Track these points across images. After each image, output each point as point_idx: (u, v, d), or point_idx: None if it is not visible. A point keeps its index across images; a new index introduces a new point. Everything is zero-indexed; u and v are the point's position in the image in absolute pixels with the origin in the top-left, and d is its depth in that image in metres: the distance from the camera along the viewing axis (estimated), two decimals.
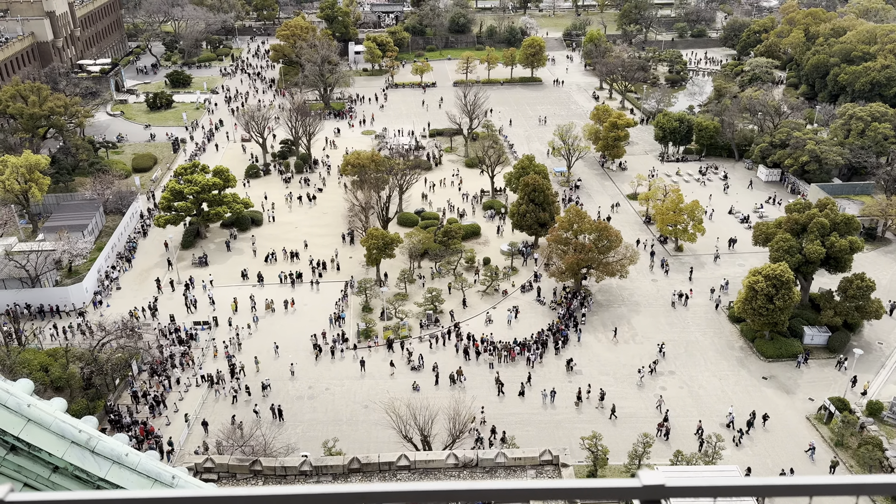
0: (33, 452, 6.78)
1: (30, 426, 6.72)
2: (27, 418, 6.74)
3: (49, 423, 6.82)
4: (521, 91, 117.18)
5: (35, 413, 6.78)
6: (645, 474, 1.91)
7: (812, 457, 44.25)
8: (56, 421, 6.89)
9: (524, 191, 65.00)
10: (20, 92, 79.59)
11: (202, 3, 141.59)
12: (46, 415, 6.88)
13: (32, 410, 6.81)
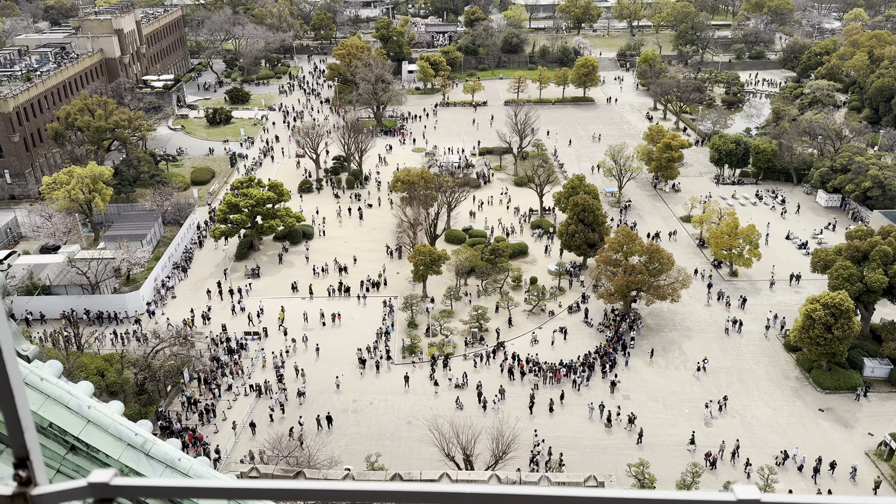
0: (91, 453, 7.00)
1: (89, 427, 6.95)
2: (87, 419, 6.97)
3: (107, 424, 7.04)
4: (573, 111, 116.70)
5: (94, 415, 7.01)
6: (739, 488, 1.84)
7: (854, 478, 43.12)
8: (114, 423, 7.10)
9: (573, 210, 64.50)
10: (88, 106, 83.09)
11: (262, 23, 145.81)
12: (105, 417, 7.10)
13: (92, 412, 7.04)
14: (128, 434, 7.13)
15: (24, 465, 1.69)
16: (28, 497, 1.66)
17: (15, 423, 1.66)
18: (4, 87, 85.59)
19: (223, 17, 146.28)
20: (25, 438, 1.71)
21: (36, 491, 1.66)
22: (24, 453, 1.70)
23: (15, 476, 1.68)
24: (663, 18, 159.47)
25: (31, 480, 1.69)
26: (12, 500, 1.65)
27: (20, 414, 1.66)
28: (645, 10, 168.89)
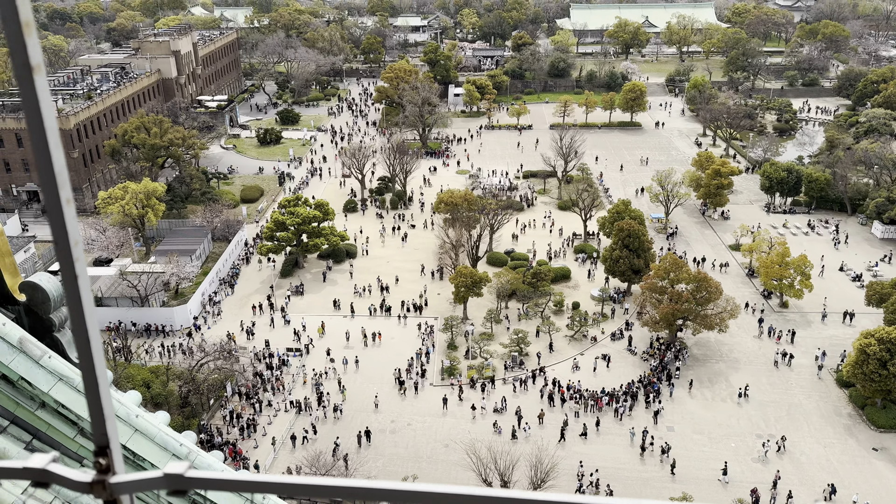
0: (137, 461, 7.10)
1: (136, 436, 7.06)
2: (135, 428, 7.09)
3: (154, 434, 7.14)
4: (620, 135, 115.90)
5: (142, 424, 7.12)
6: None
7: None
8: (160, 433, 7.20)
9: (618, 236, 63.75)
10: (144, 124, 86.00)
11: (314, 46, 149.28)
12: (152, 426, 7.21)
13: (140, 421, 7.16)
14: (173, 444, 7.22)
15: (104, 454, 1.75)
16: (107, 484, 1.72)
17: (98, 412, 1.72)
18: (66, 105, 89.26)
19: (276, 41, 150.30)
20: (107, 427, 1.76)
21: (114, 479, 1.72)
22: (105, 441, 1.76)
23: (95, 463, 1.74)
24: (714, 44, 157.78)
25: (110, 468, 1.75)
26: (91, 486, 1.71)
27: (103, 403, 1.72)
28: (695, 36, 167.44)
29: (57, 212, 1.67)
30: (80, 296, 1.69)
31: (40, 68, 1.58)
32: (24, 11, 1.54)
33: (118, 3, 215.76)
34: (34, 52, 1.57)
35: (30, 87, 1.58)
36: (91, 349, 1.72)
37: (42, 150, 1.62)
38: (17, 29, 1.54)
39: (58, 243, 1.67)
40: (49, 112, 1.60)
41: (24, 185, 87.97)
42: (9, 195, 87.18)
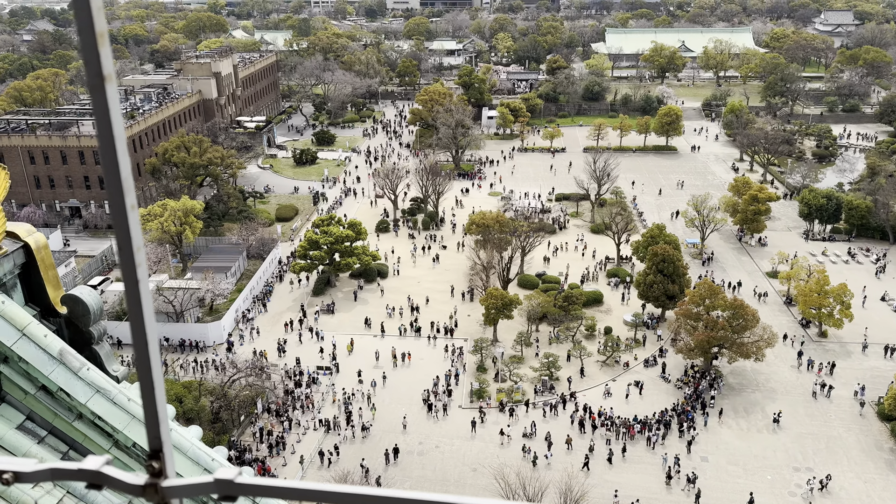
0: None
1: None
2: None
3: (186, 448, 7.21)
4: (655, 159, 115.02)
5: (175, 438, 7.20)
6: None
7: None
8: (192, 447, 7.27)
9: (652, 260, 62.99)
10: (184, 143, 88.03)
11: (350, 69, 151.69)
12: (185, 440, 7.29)
13: (173, 435, 7.23)
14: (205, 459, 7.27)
15: (157, 457, 1.78)
16: (159, 488, 1.74)
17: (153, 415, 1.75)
18: None
19: (314, 63, 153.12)
20: (160, 431, 1.79)
21: (166, 483, 1.74)
22: (159, 445, 1.79)
23: (148, 467, 1.77)
24: (751, 69, 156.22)
25: (163, 472, 1.77)
26: (144, 489, 1.74)
27: (158, 407, 1.75)
28: (732, 61, 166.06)
29: (122, 216, 1.71)
30: (141, 299, 1.74)
31: (111, 78, 1.63)
32: (99, 23, 1.59)
33: (162, 26, 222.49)
34: (106, 63, 1.63)
35: (101, 95, 1.63)
36: (148, 353, 1.76)
37: (110, 155, 1.67)
38: (91, 39, 1.60)
39: (121, 248, 1.72)
40: (118, 120, 1.65)
41: (67, 202, 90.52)
42: (52, 211, 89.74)
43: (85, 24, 1.59)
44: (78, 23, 1.60)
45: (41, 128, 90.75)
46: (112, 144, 1.66)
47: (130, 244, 1.72)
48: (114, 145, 1.66)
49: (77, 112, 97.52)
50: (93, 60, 1.61)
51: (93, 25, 1.59)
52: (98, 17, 1.59)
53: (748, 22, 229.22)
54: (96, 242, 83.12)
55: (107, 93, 1.62)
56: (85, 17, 1.59)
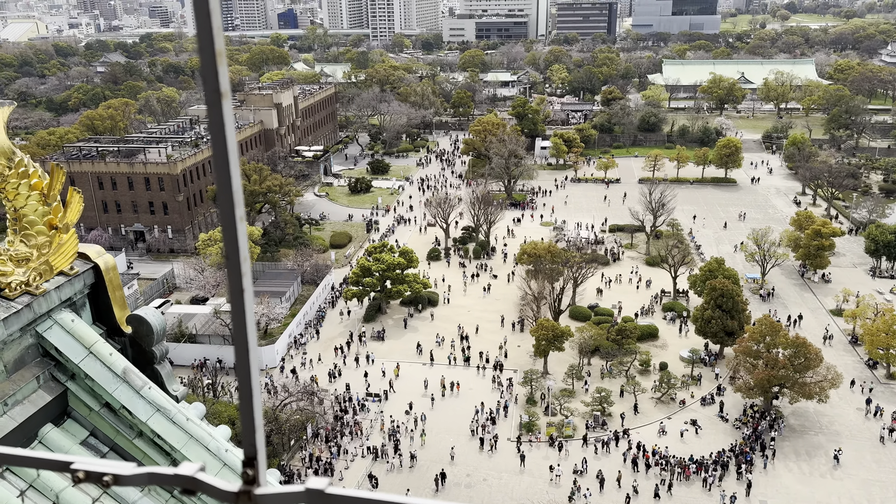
0: None
1: (224, 470, 7.20)
2: (223, 462, 7.24)
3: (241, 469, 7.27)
4: (713, 191, 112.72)
5: (231, 459, 7.27)
6: None
7: None
8: None
9: (710, 295, 61.33)
10: (245, 171, 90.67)
11: (406, 100, 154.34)
12: (239, 461, 7.35)
13: (229, 456, 7.30)
14: None
15: (252, 465, 1.82)
16: (252, 495, 1.77)
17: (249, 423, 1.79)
18: (175, 151, 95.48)
19: (371, 95, 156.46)
20: (256, 438, 1.83)
21: (259, 490, 1.77)
22: (254, 452, 1.82)
23: (243, 474, 1.80)
24: (814, 101, 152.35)
25: (256, 480, 1.80)
26: (237, 496, 1.76)
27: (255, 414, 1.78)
28: (794, 93, 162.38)
29: (231, 227, 1.76)
30: (244, 308, 1.77)
31: (227, 94, 1.69)
32: (218, 42, 1.65)
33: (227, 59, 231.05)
34: (223, 80, 1.69)
35: (218, 110, 1.69)
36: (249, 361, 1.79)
37: (223, 167, 1.72)
38: (211, 57, 1.65)
39: (229, 258, 1.77)
40: (231, 134, 1.71)
41: (132, 226, 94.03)
42: (117, 234, 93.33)
43: (206, 42, 1.66)
44: (199, 41, 1.67)
45: (110, 155, 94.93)
46: (226, 157, 1.71)
47: (238, 253, 1.77)
48: (227, 158, 1.72)
49: (144, 140, 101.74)
50: (211, 77, 1.68)
51: (213, 44, 1.65)
52: (217, 37, 1.65)
53: (811, 54, 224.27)
54: (158, 266, 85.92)
55: (223, 108, 1.68)
56: (206, 37, 1.66)
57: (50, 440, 7.40)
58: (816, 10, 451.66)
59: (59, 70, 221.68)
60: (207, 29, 1.65)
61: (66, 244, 7.86)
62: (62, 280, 7.90)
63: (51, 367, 7.75)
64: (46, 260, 7.73)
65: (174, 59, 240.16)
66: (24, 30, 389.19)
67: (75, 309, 8.04)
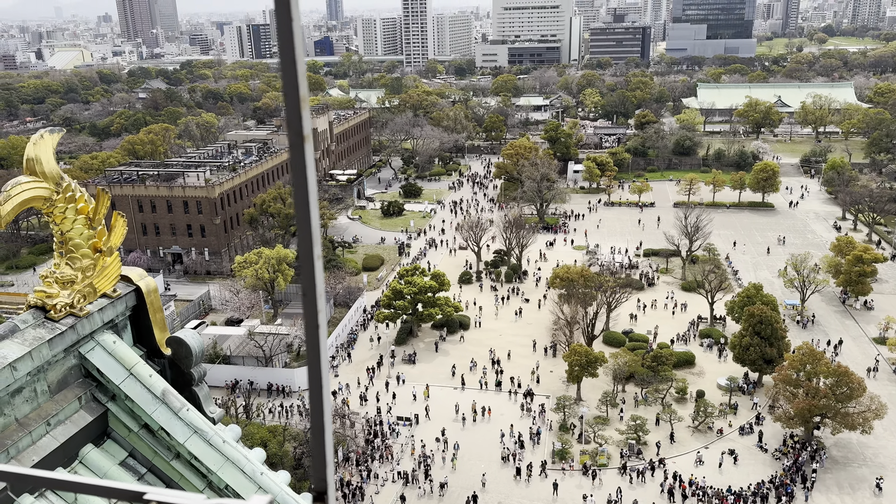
0: None
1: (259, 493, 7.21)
2: (258, 485, 7.24)
3: (276, 493, 7.26)
4: (750, 216, 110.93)
5: (265, 482, 7.27)
6: None
7: None
8: (281, 492, 7.31)
9: (748, 321, 60.04)
10: (280, 195, 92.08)
11: (439, 125, 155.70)
12: (274, 485, 7.34)
13: (263, 479, 7.31)
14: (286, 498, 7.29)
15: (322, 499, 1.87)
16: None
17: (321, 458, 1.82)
18: (213, 175, 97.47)
19: (405, 120, 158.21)
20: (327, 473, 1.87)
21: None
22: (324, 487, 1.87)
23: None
24: (854, 125, 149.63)
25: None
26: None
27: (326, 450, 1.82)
28: (833, 116, 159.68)
29: (309, 265, 1.81)
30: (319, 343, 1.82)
31: (309, 138, 1.76)
32: (303, 88, 1.71)
33: (264, 85, 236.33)
34: (306, 123, 1.76)
35: (300, 152, 1.76)
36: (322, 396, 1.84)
37: (303, 207, 1.77)
38: (295, 102, 1.71)
39: (306, 294, 1.81)
40: (312, 175, 1.77)
41: (170, 248, 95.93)
42: (156, 256, 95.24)
43: (291, 88, 1.71)
44: (284, 87, 1.72)
45: (150, 178, 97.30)
46: (306, 197, 1.76)
47: (315, 290, 1.81)
48: (307, 198, 1.77)
49: (183, 164, 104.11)
50: (295, 121, 1.74)
51: (298, 90, 1.71)
52: (302, 84, 1.71)
53: (849, 77, 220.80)
54: (195, 287, 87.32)
55: (305, 150, 1.75)
56: (291, 82, 1.71)
57: (90, 460, 7.50)
58: (855, 34, 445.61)
59: (102, 96, 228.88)
60: (293, 76, 1.70)
61: (109, 267, 8.03)
62: (105, 302, 8.05)
63: (92, 387, 7.88)
64: (90, 282, 7.90)
65: (213, 85, 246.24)
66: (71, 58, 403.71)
67: (117, 330, 8.18)
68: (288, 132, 1.74)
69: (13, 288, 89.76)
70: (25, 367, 7.16)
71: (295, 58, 1.68)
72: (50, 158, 7.56)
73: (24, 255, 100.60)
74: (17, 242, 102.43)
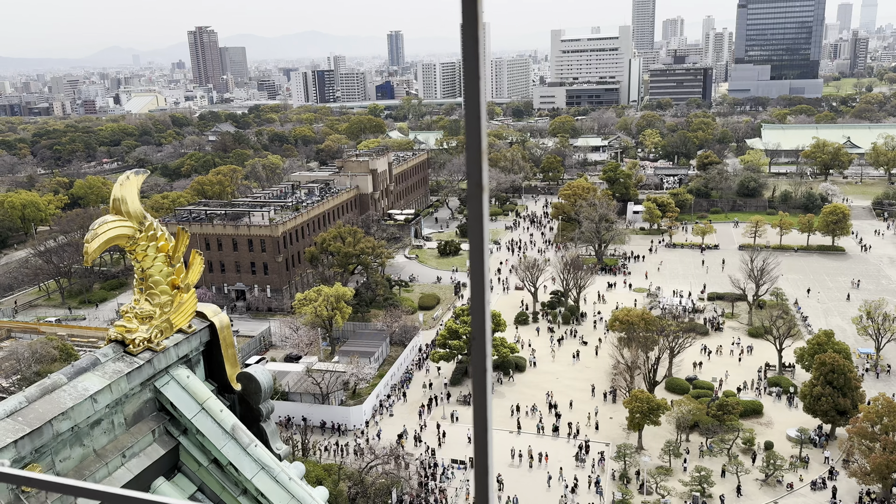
0: None
1: None
2: None
3: None
4: (819, 260, 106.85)
5: None
6: None
7: None
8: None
9: (820, 370, 57.32)
10: (340, 234, 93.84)
11: (496, 165, 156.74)
12: None
13: None
14: None
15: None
16: None
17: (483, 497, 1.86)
18: (277, 215, 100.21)
19: (462, 160, 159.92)
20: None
21: None
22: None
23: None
24: None
25: None
26: None
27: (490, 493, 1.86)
28: None
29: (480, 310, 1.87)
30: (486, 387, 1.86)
31: (486, 188, 1.85)
32: (483, 142, 1.79)
33: (328, 128, 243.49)
34: (485, 175, 1.84)
35: (478, 203, 1.83)
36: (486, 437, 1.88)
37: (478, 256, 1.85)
38: (477, 155, 1.79)
39: (475, 338, 1.88)
40: (487, 224, 1.85)
41: (234, 285, 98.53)
42: (220, 293, 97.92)
43: (473, 142, 1.80)
44: (467, 141, 1.81)
45: (217, 217, 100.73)
46: (481, 246, 1.84)
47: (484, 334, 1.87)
48: (482, 247, 1.84)
49: (249, 204, 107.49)
50: (474, 172, 1.81)
51: (480, 143, 1.79)
52: (484, 138, 1.80)
53: None
54: (257, 324, 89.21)
55: (482, 200, 1.83)
56: (474, 138, 1.80)
57: (162, 494, 7.64)
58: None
59: (174, 139, 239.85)
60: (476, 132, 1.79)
61: (186, 303, 8.29)
62: (180, 337, 8.30)
63: (165, 421, 8.07)
64: (168, 318, 8.17)
65: (279, 128, 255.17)
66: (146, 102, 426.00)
67: (190, 365, 8.40)
68: (468, 183, 1.82)
69: (85, 322, 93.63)
70: (105, 400, 7.40)
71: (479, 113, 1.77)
72: (135, 198, 7.92)
73: (96, 290, 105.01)
74: (91, 278, 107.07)
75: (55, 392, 7.20)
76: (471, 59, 1.72)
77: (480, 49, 1.74)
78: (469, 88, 1.76)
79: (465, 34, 1.71)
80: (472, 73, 1.74)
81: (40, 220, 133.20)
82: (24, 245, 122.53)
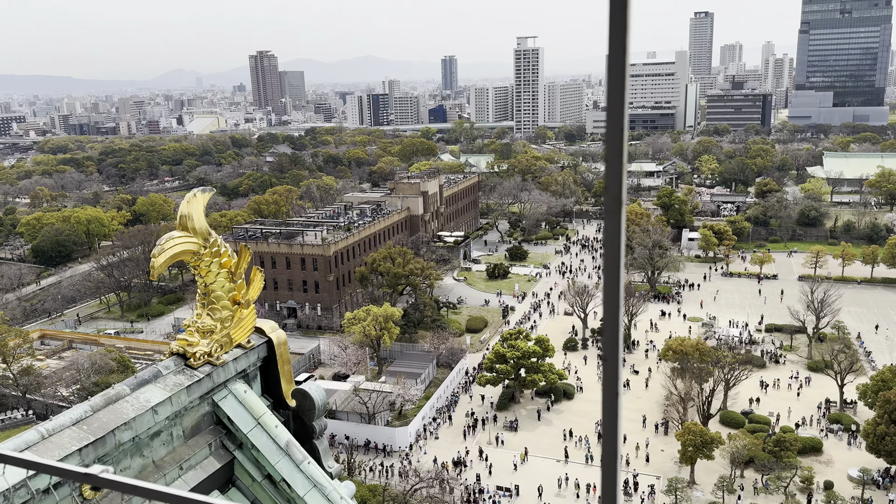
0: None
1: None
2: None
3: None
4: (884, 293, 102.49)
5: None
6: None
7: None
8: None
9: (884, 408, 54.66)
10: (391, 254, 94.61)
11: (547, 189, 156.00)
12: None
13: None
14: None
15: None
16: None
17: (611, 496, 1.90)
18: (329, 234, 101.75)
19: (512, 184, 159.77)
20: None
21: None
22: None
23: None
24: None
25: None
26: None
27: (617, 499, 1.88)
28: None
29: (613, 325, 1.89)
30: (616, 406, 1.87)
31: (624, 202, 1.90)
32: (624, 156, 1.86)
33: (381, 150, 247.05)
34: (624, 189, 1.89)
35: (616, 217, 1.87)
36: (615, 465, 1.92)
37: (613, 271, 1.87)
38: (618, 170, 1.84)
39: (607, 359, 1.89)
40: (623, 238, 1.89)
41: (286, 302, 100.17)
42: (272, 310, 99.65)
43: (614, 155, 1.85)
44: (607, 156, 1.86)
45: (272, 236, 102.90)
46: (617, 260, 1.86)
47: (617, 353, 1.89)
48: (618, 261, 1.87)
49: (303, 224, 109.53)
50: (614, 187, 1.86)
51: (621, 157, 1.84)
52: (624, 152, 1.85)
53: None
54: (307, 341, 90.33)
55: (620, 215, 1.87)
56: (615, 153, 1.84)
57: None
58: None
59: (233, 159, 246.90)
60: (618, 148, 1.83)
61: (245, 319, 8.45)
62: (239, 352, 8.44)
63: (222, 435, 8.19)
64: (228, 333, 8.32)
65: (334, 150, 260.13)
66: (207, 123, 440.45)
67: (248, 380, 8.52)
68: (605, 197, 1.86)
69: (142, 335, 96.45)
70: (165, 412, 7.56)
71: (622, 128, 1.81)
72: (201, 215, 8.14)
73: (154, 305, 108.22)
74: (149, 292, 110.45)
75: (118, 402, 7.40)
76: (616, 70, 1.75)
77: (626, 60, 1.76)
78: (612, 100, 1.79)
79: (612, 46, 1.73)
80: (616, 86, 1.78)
81: (104, 235, 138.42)
82: (87, 259, 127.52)
